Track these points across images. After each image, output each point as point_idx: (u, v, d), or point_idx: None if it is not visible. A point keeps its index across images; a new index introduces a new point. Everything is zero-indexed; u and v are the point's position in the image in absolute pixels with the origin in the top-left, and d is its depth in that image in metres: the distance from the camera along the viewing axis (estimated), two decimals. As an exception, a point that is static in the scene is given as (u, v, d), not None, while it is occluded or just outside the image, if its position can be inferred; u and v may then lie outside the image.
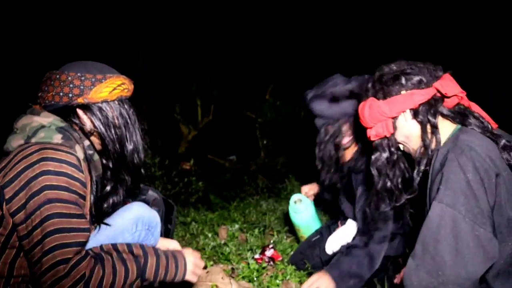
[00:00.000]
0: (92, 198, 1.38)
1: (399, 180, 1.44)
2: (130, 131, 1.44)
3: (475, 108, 1.38)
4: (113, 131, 1.40)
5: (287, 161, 5.15)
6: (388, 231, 1.89)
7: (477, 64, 5.08)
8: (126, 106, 1.44)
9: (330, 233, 2.30)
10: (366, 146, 1.64)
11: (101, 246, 1.34)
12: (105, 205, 1.47)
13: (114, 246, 1.35)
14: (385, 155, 1.41)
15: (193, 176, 4.27)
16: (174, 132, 5.81)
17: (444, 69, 1.39)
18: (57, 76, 1.34)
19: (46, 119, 1.32)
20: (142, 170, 1.52)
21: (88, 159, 1.35)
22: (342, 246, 2.12)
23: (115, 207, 1.51)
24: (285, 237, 2.82)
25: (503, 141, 1.24)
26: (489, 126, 1.31)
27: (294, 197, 2.45)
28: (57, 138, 1.29)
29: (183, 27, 6.18)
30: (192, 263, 1.48)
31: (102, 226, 1.46)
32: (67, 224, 1.18)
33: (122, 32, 5.70)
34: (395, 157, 1.42)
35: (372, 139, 1.44)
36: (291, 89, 5.85)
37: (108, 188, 1.46)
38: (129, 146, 1.44)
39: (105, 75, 1.38)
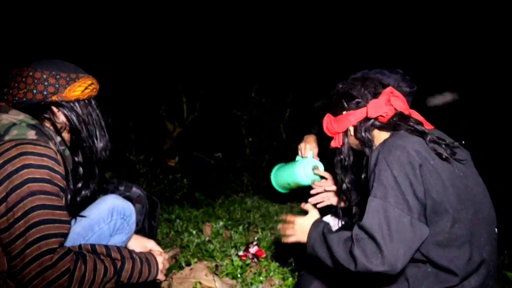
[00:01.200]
0: (70, 189, 1.39)
1: (350, 183, 1.74)
2: (99, 129, 1.50)
3: (415, 115, 1.58)
4: (84, 128, 1.45)
5: (272, 158, 5.17)
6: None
7: (477, 64, 5.14)
8: (94, 105, 1.49)
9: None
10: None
11: (79, 246, 1.34)
12: (78, 199, 1.49)
13: (93, 247, 1.35)
14: (340, 159, 1.69)
15: (178, 173, 4.26)
16: (160, 129, 5.79)
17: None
18: (30, 73, 1.35)
19: (16, 116, 1.31)
20: (105, 168, 1.58)
21: (61, 154, 1.36)
22: None
23: (87, 201, 1.54)
24: (269, 234, 2.84)
25: (428, 136, 1.44)
26: (419, 127, 1.49)
27: (310, 163, 2.17)
28: (31, 134, 1.28)
29: (169, 25, 6.14)
30: (161, 263, 1.52)
31: (78, 218, 1.49)
32: (51, 215, 1.18)
33: (107, 29, 5.64)
34: (345, 163, 1.68)
35: (331, 147, 1.70)
36: (277, 87, 5.88)
37: (79, 183, 1.48)
38: (99, 143, 1.50)
39: (77, 74, 1.43)
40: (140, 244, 1.70)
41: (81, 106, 1.44)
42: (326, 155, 2.17)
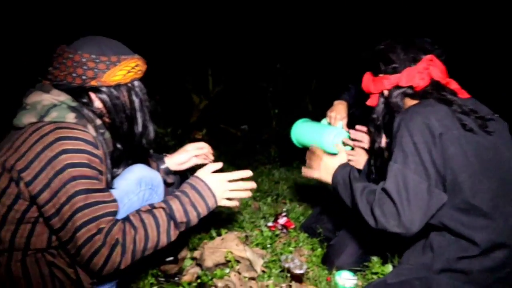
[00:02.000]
0: (109, 171, 1.40)
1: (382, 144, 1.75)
2: (141, 113, 1.45)
3: (452, 84, 1.56)
4: (123, 115, 1.41)
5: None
6: None
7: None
8: (137, 89, 1.44)
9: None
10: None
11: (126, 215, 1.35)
12: (118, 173, 1.52)
13: (137, 210, 1.36)
14: (374, 118, 1.70)
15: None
16: (186, 102, 5.82)
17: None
18: (70, 56, 1.31)
19: (58, 97, 1.31)
20: (151, 151, 1.56)
21: (99, 137, 1.36)
22: None
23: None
24: (297, 205, 2.87)
25: (455, 106, 1.45)
26: (448, 97, 1.48)
27: (341, 134, 2.09)
28: (70, 117, 1.29)
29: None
30: (214, 186, 1.45)
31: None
32: (93, 198, 1.21)
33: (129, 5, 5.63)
34: (378, 122, 1.69)
35: (366, 103, 1.72)
36: (302, 58, 5.80)
37: (117, 168, 1.49)
38: (139, 129, 1.45)
39: (119, 57, 1.36)
40: (172, 164, 1.78)
41: (122, 92, 1.39)
42: (354, 123, 2.14)
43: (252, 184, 1.57)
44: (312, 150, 1.86)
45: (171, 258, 1.98)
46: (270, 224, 2.47)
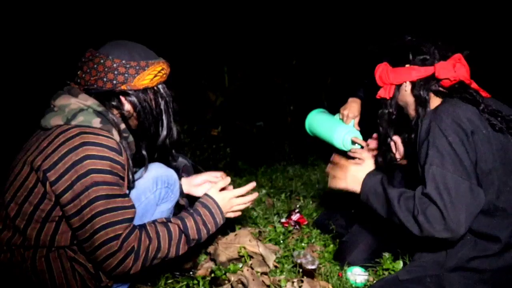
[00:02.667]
0: (131, 172, 1.46)
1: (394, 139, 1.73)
2: (166, 115, 1.51)
3: (473, 85, 1.54)
4: (150, 117, 1.47)
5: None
6: None
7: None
8: (163, 91, 1.50)
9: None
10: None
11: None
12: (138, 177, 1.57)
13: (154, 221, 1.43)
14: (386, 112, 1.65)
15: (221, 142, 4.35)
16: (202, 99, 5.88)
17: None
18: (101, 61, 1.36)
19: (85, 102, 1.36)
20: (173, 151, 1.62)
21: (124, 141, 1.42)
22: None
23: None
24: (311, 202, 2.89)
25: (482, 106, 1.43)
26: (474, 97, 1.46)
27: (351, 133, 2.11)
28: (96, 122, 1.34)
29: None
30: (223, 204, 1.56)
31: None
32: (113, 203, 1.27)
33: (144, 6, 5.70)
34: (393, 117, 1.64)
35: (377, 96, 1.67)
36: (318, 54, 5.79)
37: (139, 168, 1.57)
38: (164, 130, 1.52)
39: (147, 62, 1.42)
40: (187, 185, 1.80)
41: (149, 95, 1.45)
42: (367, 122, 2.16)
43: (254, 196, 1.70)
44: (335, 160, 1.77)
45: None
46: (283, 220, 2.50)
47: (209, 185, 1.81)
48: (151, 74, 1.42)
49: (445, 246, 1.46)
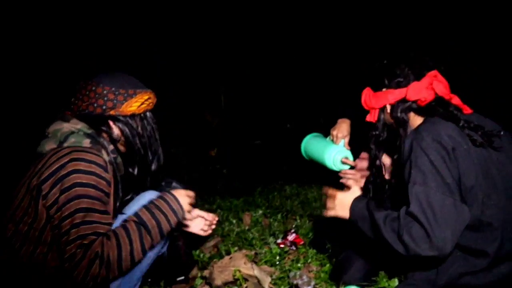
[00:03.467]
0: (119, 194, 1.54)
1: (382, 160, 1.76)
2: (153, 141, 1.62)
3: (455, 100, 1.56)
4: (137, 141, 1.57)
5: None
6: None
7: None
8: (149, 118, 1.61)
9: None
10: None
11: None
12: (127, 198, 1.64)
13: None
14: (374, 134, 1.71)
15: (218, 163, 4.38)
16: (199, 120, 5.92)
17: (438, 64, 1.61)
18: (93, 88, 1.48)
19: (75, 125, 1.47)
20: (160, 175, 1.69)
21: (112, 162, 1.50)
22: None
23: (130, 199, 1.67)
24: (307, 221, 2.90)
25: (461, 122, 1.44)
26: (454, 113, 1.48)
27: (340, 153, 2.13)
28: (86, 142, 1.44)
29: (205, 17, 6.21)
30: (181, 196, 1.57)
31: (120, 215, 1.59)
32: (90, 217, 1.31)
33: (144, 21, 5.77)
34: (380, 138, 1.70)
35: (366, 120, 1.72)
36: (313, 71, 5.86)
37: (129, 190, 1.62)
38: (151, 154, 1.62)
39: (135, 90, 1.54)
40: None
41: (136, 121, 1.56)
42: (359, 141, 2.19)
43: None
44: (325, 191, 1.80)
45: (182, 278, 2.05)
46: (279, 241, 2.50)
47: (202, 220, 1.85)
48: (138, 102, 1.53)
49: (436, 263, 1.47)
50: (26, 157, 1.57)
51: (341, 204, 1.68)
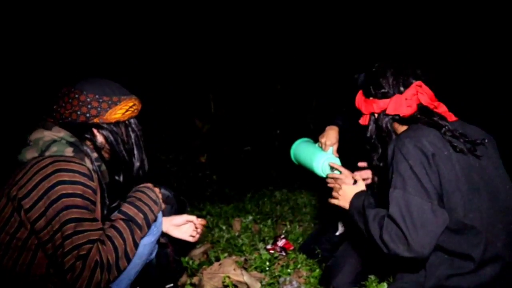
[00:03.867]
0: (105, 202, 1.51)
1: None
2: (137, 147, 1.58)
3: (440, 108, 1.59)
4: (122, 148, 1.54)
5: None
6: None
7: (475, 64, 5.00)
8: (134, 125, 1.57)
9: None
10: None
11: None
12: (113, 206, 1.60)
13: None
14: (367, 135, 1.73)
15: (207, 169, 4.36)
16: (188, 126, 5.90)
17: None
18: (76, 96, 1.44)
19: (57, 134, 1.43)
20: (145, 182, 1.67)
21: (96, 170, 1.47)
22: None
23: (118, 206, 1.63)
24: (297, 226, 2.90)
25: (443, 129, 1.48)
26: (436, 121, 1.52)
27: (329, 160, 2.15)
28: (68, 151, 1.40)
29: (194, 22, 6.21)
30: (155, 191, 1.62)
31: (107, 222, 1.58)
32: (80, 227, 1.30)
33: (132, 25, 5.75)
34: (372, 141, 1.72)
35: (359, 122, 1.76)
36: (302, 78, 5.88)
37: (115, 197, 1.59)
38: (137, 162, 1.59)
39: (120, 97, 1.50)
40: (167, 223, 1.82)
41: (121, 128, 1.53)
42: (347, 148, 2.21)
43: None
44: (333, 179, 1.87)
45: (171, 285, 2.03)
46: (269, 246, 2.50)
47: (191, 225, 1.84)
48: (123, 109, 1.50)
49: (424, 266, 1.49)
50: (5, 164, 1.53)
51: (344, 195, 1.75)
